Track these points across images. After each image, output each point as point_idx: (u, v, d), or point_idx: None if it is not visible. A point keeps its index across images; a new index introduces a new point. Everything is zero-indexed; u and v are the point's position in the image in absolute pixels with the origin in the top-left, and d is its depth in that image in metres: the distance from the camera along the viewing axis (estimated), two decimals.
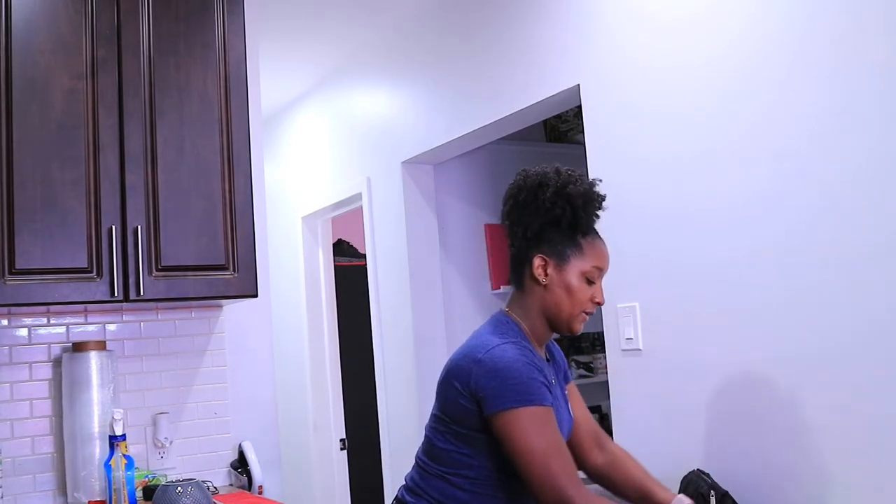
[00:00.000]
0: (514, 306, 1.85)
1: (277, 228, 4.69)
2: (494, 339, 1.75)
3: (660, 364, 2.51)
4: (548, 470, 1.63)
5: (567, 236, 1.77)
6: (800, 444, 2.12)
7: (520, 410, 1.64)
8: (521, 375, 1.67)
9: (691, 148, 2.40)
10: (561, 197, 1.75)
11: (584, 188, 1.77)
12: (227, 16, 2.51)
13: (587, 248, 1.78)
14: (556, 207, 1.75)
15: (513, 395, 1.65)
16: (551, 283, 1.78)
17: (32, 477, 2.40)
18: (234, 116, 2.48)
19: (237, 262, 2.43)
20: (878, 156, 1.94)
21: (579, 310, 1.79)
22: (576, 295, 1.78)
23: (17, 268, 2.16)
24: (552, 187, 1.75)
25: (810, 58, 2.08)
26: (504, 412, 1.65)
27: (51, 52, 2.25)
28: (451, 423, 1.75)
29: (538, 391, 1.67)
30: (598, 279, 1.81)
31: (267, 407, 2.82)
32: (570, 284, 1.77)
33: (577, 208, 1.75)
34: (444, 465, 1.77)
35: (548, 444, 1.65)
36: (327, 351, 4.58)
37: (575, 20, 2.80)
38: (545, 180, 1.77)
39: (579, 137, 3.87)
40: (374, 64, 3.96)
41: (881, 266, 1.93)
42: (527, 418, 1.64)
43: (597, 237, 1.82)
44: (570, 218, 1.76)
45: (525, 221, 1.79)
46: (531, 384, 1.66)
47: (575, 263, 1.77)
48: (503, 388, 1.66)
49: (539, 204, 1.76)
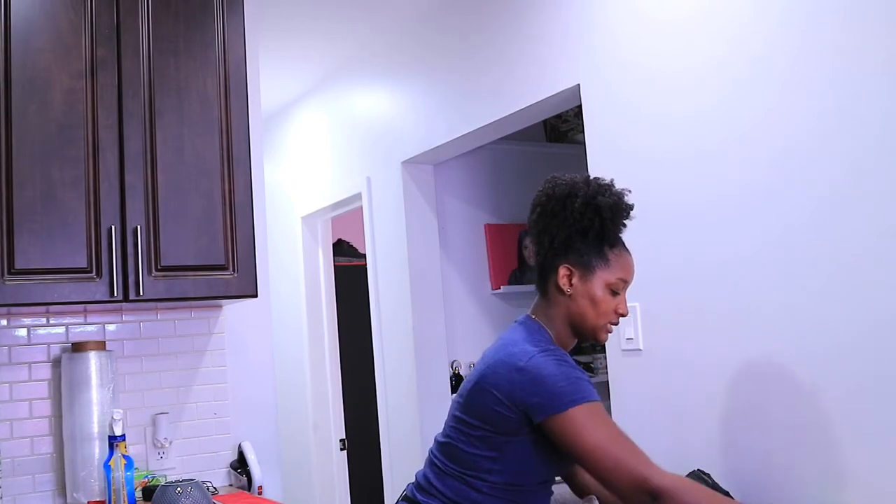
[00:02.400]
0: (539, 313, 1.85)
1: (277, 228, 4.69)
2: (531, 347, 1.75)
3: (660, 364, 2.51)
4: (617, 459, 1.64)
5: (594, 247, 1.77)
6: (800, 443, 2.11)
7: (574, 410, 1.66)
8: (568, 377, 1.69)
9: (692, 148, 2.40)
10: (590, 208, 1.75)
11: (614, 200, 1.77)
12: (227, 16, 2.51)
13: (613, 260, 1.78)
14: (584, 218, 1.75)
15: (564, 398, 1.67)
16: (576, 293, 1.78)
17: (32, 477, 2.40)
18: (234, 116, 2.48)
19: (237, 262, 2.43)
20: (880, 155, 1.93)
21: (604, 321, 1.80)
22: (600, 306, 1.78)
23: (17, 268, 2.16)
24: (581, 198, 1.75)
25: (811, 57, 2.08)
26: (559, 415, 1.66)
27: (50, 52, 2.25)
28: (483, 427, 1.75)
29: (586, 388, 1.69)
30: (622, 290, 1.81)
31: (267, 407, 2.81)
32: (595, 295, 1.77)
33: (606, 220, 1.75)
34: (465, 467, 1.77)
35: (608, 435, 1.66)
36: (327, 351, 4.58)
37: (575, 20, 2.79)
38: (575, 190, 1.77)
39: (579, 137, 3.87)
40: (374, 64, 3.96)
41: (883, 266, 1.93)
42: (583, 416, 1.66)
43: (623, 249, 1.82)
44: (598, 229, 1.76)
45: (552, 231, 1.79)
46: (579, 383, 1.69)
47: (600, 275, 1.77)
48: (553, 393, 1.67)
49: (567, 214, 1.76)
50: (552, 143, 4.37)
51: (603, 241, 1.78)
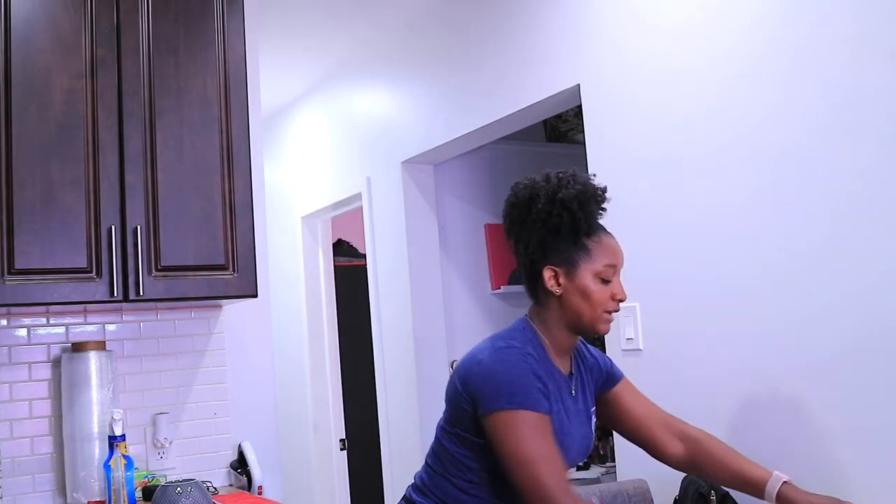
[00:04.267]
0: (534, 318, 1.80)
1: (277, 228, 4.69)
2: (500, 342, 1.72)
3: (660, 364, 2.51)
4: (536, 477, 1.60)
5: (571, 242, 1.73)
6: (801, 444, 2.11)
7: (512, 413, 1.62)
8: (517, 378, 1.64)
9: (692, 147, 2.40)
10: (554, 205, 1.70)
11: (577, 189, 1.71)
12: (227, 15, 2.51)
13: (594, 249, 1.73)
14: (552, 216, 1.71)
15: (507, 398, 1.63)
16: (566, 291, 1.74)
17: (32, 477, 2.40)
18: (234, 116, 2.48)
19: (237, 262, 2.43)
20: (884, 157, 1.93)
21: (600, 311, 1.74)
22: (593, 298, 1.72)
23: (17, 268, 2.16)
24: (543, 197, 1.71)
25: (812, 57, 2.08)
26: (496, 413, 1.63)
27: (50, 52, 2.25)
28: (457, 424, 1.75)
29: (533, 397, 1.64)
30: (614, 276, 1.75)
31: (267, 407, 2.81)
32: (586, 288, 1.72)
33: (574, 212, 1.70)
34: (448, 465, 1.76)
35: (537, 451, 1.61)
36: (327, 351, 4.58)
37: (575, 20, 2.79)
38: (536, 191, 1.73)
39: (579, 137, 3.86)
40: (374, 63, 3.96)
41: (884, 268, 1.93)
42: (516, 422, 1.62)
43: (603, 234, 1.76)
44: (569, 223, 1.71)
45: (525, 237, 1.76)
46: (528, 389, 1.64)
47: (585, 267, 1.72)
48: (498, 390, 1.64)
49: (535, 217, 1.72)
50: (552, 143, 4.37)
51: (578, 232, 1.72)
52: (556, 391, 1.73)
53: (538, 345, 1.75)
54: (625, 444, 2.62)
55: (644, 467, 2.54)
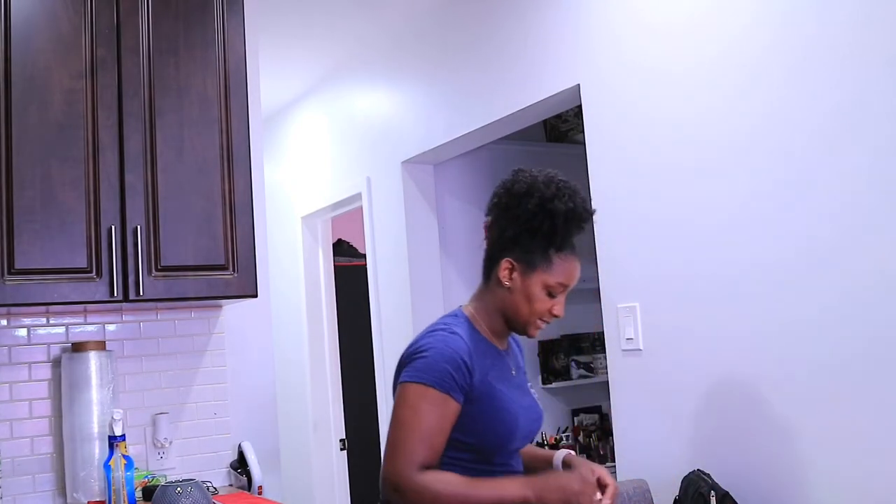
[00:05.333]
0: (476, 298, 1.87)
1: (277, 228, 4.69)
2: (430, 328, 1.80)
3: (660, 364, 2.51)
4: (401, 443, 1.65)
5: (540, 248, 1.77)
6: (800, 444, 2.11)
7: (411, 385, 1.68)
8: (431, 355, 1.70)
9: (692, 148, 2.40)
10: (543, 210, 1.74)
11: (569, 206, 1.75)
12: (227, 15, 2.51)
13: (557, 264, 1.77)
14: (535, 219, 1.75)
15: (413, 371, 1.70)
16: (514, 287, 1.79)
17: (32, 477, 2.40)
18: (234, 116, 2.48)
19: (237, 262, 2.43)
20: (884, 159, 1.93)
21: (535, 318, 1.80)
22: (534, 304, 1.78)
23: (17, 268, 2.16)
24: (536, 199, 1.75)
25: (815, 57, 2.08)
26: (403, 383, 1.70)
27: (50, 52, 2.25)
28: None
29: (437, 374, 1.68)
30: (561, 293, 1.80)
31: (267, 407, 2.81)
32: (531, 293, 1.77)
33: (557, 225, 1.75)
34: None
35: (419, 423, 1.66)
36: (327, 351, 4.58)
37: (575, 20, 2.79)
38: (532, 190, 1.77)
39: (579, 137, 3.86)
40: (374, 64, 3.96)
41: (883, 269, 1.93)
42: (412, 394, 1.68)
43: (571, 254, 1.80)
44: (547, 232, 1.76)
45: (503, 223, 1.81)
46: (434, 366, 1.69)
47: (540, 275, 1.77)
48: (415, 365, 1.71)
49: (520, 212, 1.77)
50: (552, 143, 4.37)
51: (550, 243, 1.77)
52: (493, 365, 1.79)
53: (470, 327, 1.81)
54: (625, 444, 2.63)
55: (644, 467, 2.55)
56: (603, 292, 2.71)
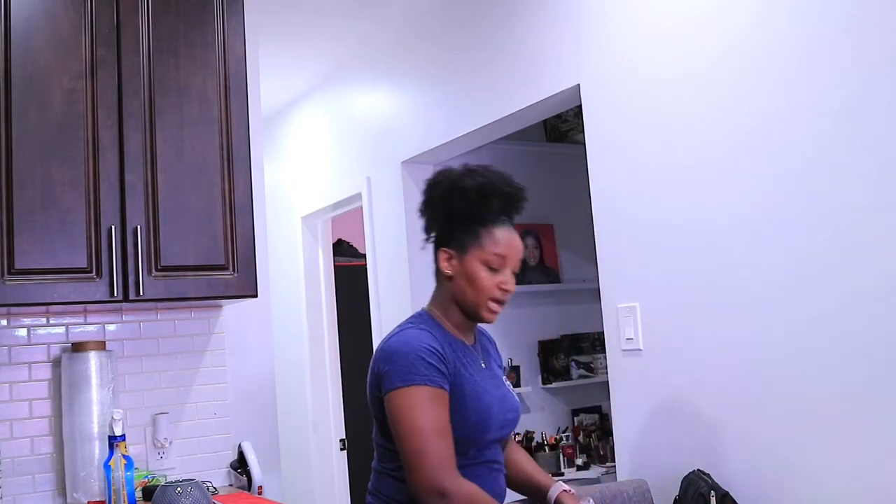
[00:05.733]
0: (433, 299, 1.91)
1: (277, 228, 4.68)
2: (397, 328, 1.83)
3: (660, 364, 2.51)
4: (425, 450, 1.65)
5: (465, 228, 1.81)
6: (800, 444, 2.11)
7: (403, 390, 1.69)
8: (409, 356, 1.71)
9: (692, 147, 2.40)
10: (454, 192, 1.81)
11: (480, 181, 1.80)
12: (227, 15, 2.51)
13: (485, 238, 1.80)
14: (449, 202, 1.81)
15: (398, 376, 1.70)
16: (456, 273, 1.82)
17: (32, 477, 2.40)
18: (234, 116, 2.48)
19: (237, 262, 2.43)
20: (884, 159, 1.93)
21: (485, 297, 1.81)
22: (478, 283, 1.80)
23: (17, 268, 2.16)
24: (444, 184, 1.83)
25: (814, 58, 2.08)
26: (392, 391, 1.70)
27: (50, 52, 2.25)
28: (380, 419, 1.81)
29: (424, 371, 1.70)
30: (503, 266, 1.81)
31: (267, 407, 2.81)
32: (471, 273, 1.80)
33: (472, 200, 1.79)
34: (386, 461, 1.82)
35: (428, 422, 1.67)
36: (327, 351, 4.58)
37: (575, 20, 2.79)
38: (441, 178, 1.84)
39: (579, 137, 3.86)
40: (374, 64, 3.96)
41: (886, 269, 1.93)
42: (409, 397, 1.68)
43: (499, 226, 1.82)
44: (465, 210, 1.80)
45: (429, 219, 1.88)
46: (417, 364, 1.70)
47: (474, 253, 1.80)
48: (392, 371, 1.71)
49: (435, 201, 1.84)
50: (552, 143, 4.37)
51: (472, 220, 1.81)
52: (462, 357, 1.81)
53: (435, 324, 1.83)
54: (625, 444, 2.63)
55: (644, 467, 2.55)
56: (603, 292, 2.71)
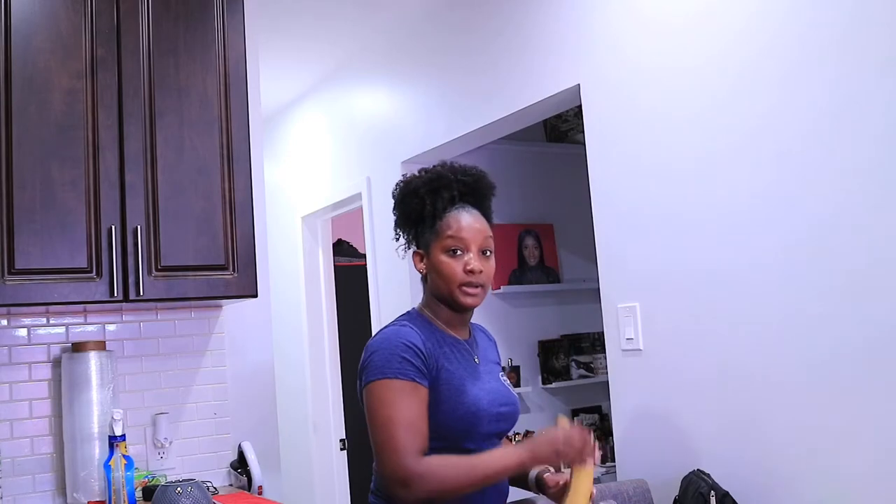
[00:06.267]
0: (422, 299, 1.93)
1: (277, 228, 4.68)
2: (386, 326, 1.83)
3: (660, 364, 2.51)
4: (390, 440, 1.65)
5: (427, 227, 1.85)
6: (800, 444, 2.11)
7: (375, 384, 1.70)
8: (384, 352, 1.72)
9: (692, 147, 2.40)
10: (407, 195, 1.85)
11: (428, 177, 1.85)
12: (227, 15, 2.51)
13: (441, 227, 1.83)
14: (407, 204, 1.86)
15: (373, 371, 1.71)
16: (428, 270, 1.85)
17: (32, 477, 2.40)
18: (234, 116, 2.48)
19: (237, 262, 2.43)
20: (882, 156, 1.93)
21: (455, 284, 1.81)
22: (443, 270, 1.81)
23: (17, 268, 2.16)
24: (399, 187, 1.88)
25: (812, 57, 2.08)
26: (367, 385, 1.72)
27: (50, 52, 2.25)
28: None
29: (397, 365, 1.70)
30: (465, 249, 1.82)
31: (267, 407, 2.81)
32: (437, 264, 1.82)
33: (423, 198, 1.83)
34: None
35: (399, 414, 1.67)
36: (327, 351, 4.58)
37: (575, 20, 2.79)
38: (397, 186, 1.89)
39: (579, 137, 3.86)
40: (374, 64, 3.96)
41: (885, 268, 1.93)
42: (385, 389, 1.69)
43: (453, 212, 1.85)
44: (418, 209, 1.84)
45: (397, 227, 1.92)
46: (391, 359, 1.71)
47: (434, 245, 1.83)
48: (368, 365, 1.73)
49: (396, 206, 1.89)
50: (552, 143, 4.37)
51: (427, 215, 1.84)
52: (449, 352, 1.81)
53: (424, 321, 1.84)
54: (625, 444, 2.63)
55: (644, 467, 2.55)
56: (603, 292, 2.71)
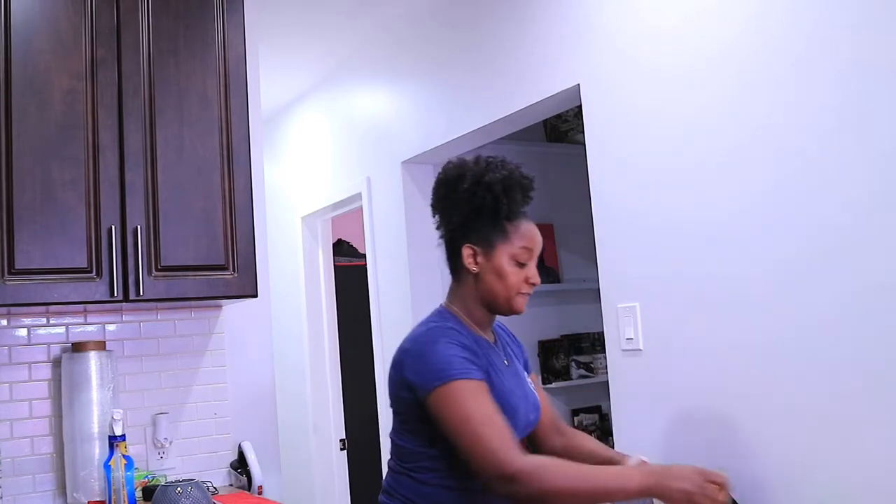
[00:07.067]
0: (452, 296, 1.89)
1: (277, 228, 4.68)
2: (421, 328, 1.81)
3: (660, 364, 2.51)
4: (479, 438, 1.62)
5: (491, 223, 1.81)
6: (800, 444, 2.11)
7: (445, 387, 1.66)
8: (442, 353, 1.70)
9: (692, 147, 2.40)
10: (480, 186, 1.79)
11: (503, 174, 1.80)
12: (227, 15, 2.51)
13: (512, 232, 1.80)
14: (475, 197, 1.79)
15: (436, 374, 1.68)
16: (482, 270, 1.82)
17: (32, 477, 2.40)
18: (234, 116, 2.48)
19: (237, 262, 2.43)
20: (885, 159, 1.93)
21: (514, 292, 1.81)
22: (507, 279, 1.80)
23: (17, 268, 2.16)
24: (469, 178, 1.80)
25: (815, 58, 2.08)
26: (431, 392, 1.68)
27: (50, 53, 2.25)
28: (404, 418, 1.79)
29: (460, 365, 1.69)
30: (529, 260, 1.82)
31: (267, 407, 2.81)
32: (501, 269, 1.80)
33: (498, 195, 1.78)
34: (407, 461, 1.79)
35: (477, 413, 1.64)
36: (327, 351, 4.58)
37: (575, 20, 2.79)
38: (463, 171, 1.81)
39: (579, 137, 3.87)
40: (375, 64, 3.96)
41: (887, 268, 1.93)
42: (453, 393, 1.66)
43: (523, 220, 1.84)
44: (492, 205, 1.79)
45: (448, 214, 1.85)
46: (452, 360, 1.69)
47: (502, 248, 1.80)
48: (428, 370, 1.69)
49: (459, 196, 1.81)
50: (552, 143, 4.37)
51: (499, 215, 1.80)
52: (485, 356, 1.79)
53: (458, 321, 1.82)
54: (625, 444, 2.63)
55: None
56: (603, 292, 2.71)
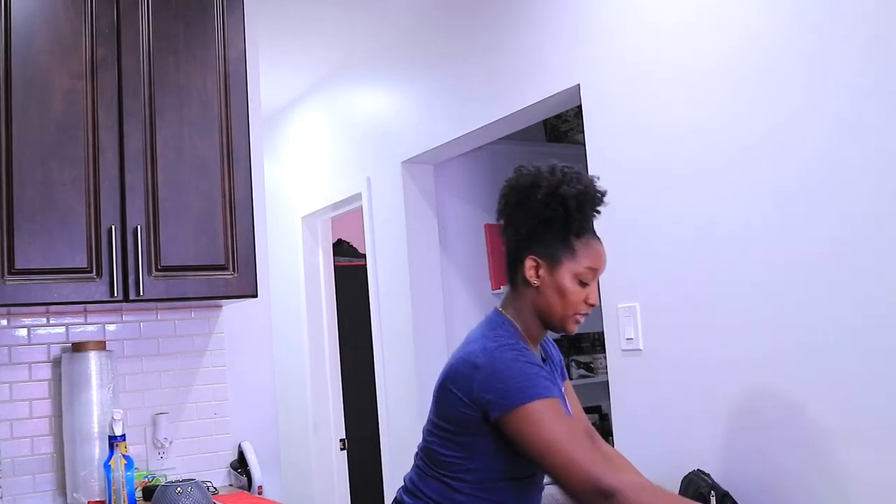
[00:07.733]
0: (507, 306, 1.82)
1: (277, 228, 4.68)
2: (490, 343, 1.72)
3: (660, 364, 2.51)
4: (570, 456, 1.60)
5: (559, 237, 1.73)
6: (800, 443, 2.11)
7: (529, 406, 1.62)
8: (523, 372, 1.65)
9: (693, 147, 2.40)
10: (554, 198, 1.71)
11: (579, 189, 1.71)
12: (227, 15, 2.51)
13: (580, 250, 1.73)
14: (547, 209, 1.71)
15: (519, 393, 1.63)
16: (543, 284, 1.75)
17: (32, 477, 2.40)
18: (234, 116, 2.48)
19: (237, 262, 2.43)
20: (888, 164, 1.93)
21: (572, 311, 1.75)
22: (568, 297, 1.74)
23: (17, 268, 2.16)
24: (544, 188, 1.71)
25: (819, 57, 2.08)
26: (514, 411, 1.63)
27: (50, 52, 2.25)
28: (451, 428, 1.74)
29: (542, 385, 1.65)
30: (592, 280, 1.76)
31: (267, 407, 2.81)
32: (562, 287, 1.73)
33: (571, 210, 1.71)
34: (443, 469, 1.76)
35: (564, 433, 1.62)
36: (327, 351, 4.58)
37: (575, 20, 2.79)
38: (538, 180, 1.73)
39: (579, 137, 3.86)
40: (375, 63, 3.96)
41: (884, 266, 1.93)
42: (538, 413, 1.62)
43: (592, 237, 1.76)
44: (563, 219, 1.72)
45: (517, 222, 1.77)
46: (535, 379, 1.65)
47: (567, 265, 1.73)
48: (507, 390, 1.64)
49: (531, 205, 1.72)
50: (552, 143, 4.37)
51: (569, 231, 1.73)
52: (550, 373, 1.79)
53: (519, 335, 1.77)
54: (625, 444, 2.63)
55: (644, 467, 2.54)
56: (603, 292, 2.71)
